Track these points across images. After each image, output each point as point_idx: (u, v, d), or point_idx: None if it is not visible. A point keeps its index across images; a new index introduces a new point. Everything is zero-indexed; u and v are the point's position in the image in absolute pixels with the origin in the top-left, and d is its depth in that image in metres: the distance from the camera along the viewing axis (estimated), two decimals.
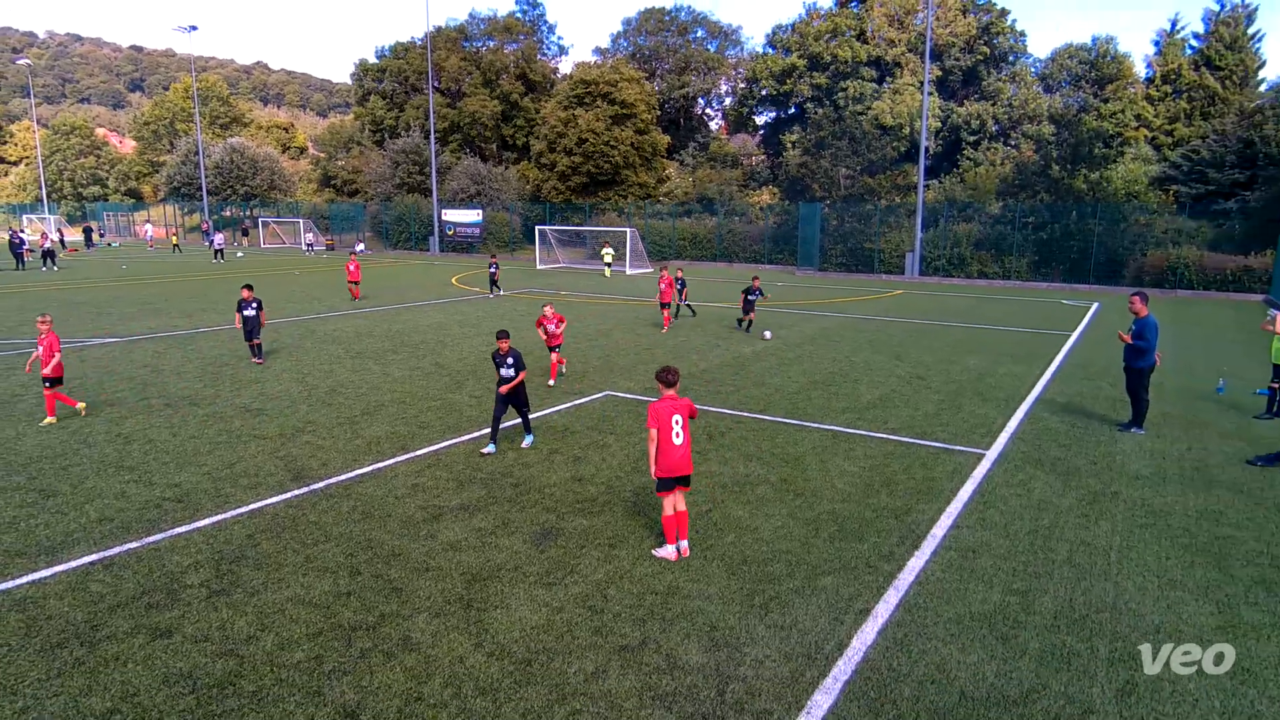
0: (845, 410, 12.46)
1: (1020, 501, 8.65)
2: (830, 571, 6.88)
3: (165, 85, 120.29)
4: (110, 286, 30.90)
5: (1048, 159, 40.63)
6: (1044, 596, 6.50)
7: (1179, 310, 27.24)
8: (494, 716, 4.88)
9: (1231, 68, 48.56)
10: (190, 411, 12.03)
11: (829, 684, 5.25)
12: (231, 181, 69.45)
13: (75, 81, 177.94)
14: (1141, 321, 11.23)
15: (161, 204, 77.70)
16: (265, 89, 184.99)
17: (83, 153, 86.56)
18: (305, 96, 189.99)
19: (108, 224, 77.57)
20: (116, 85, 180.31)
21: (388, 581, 6.61)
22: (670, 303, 20.97)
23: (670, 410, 6.91)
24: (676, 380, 7.10)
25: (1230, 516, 8.33)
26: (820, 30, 58.84)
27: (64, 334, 19.26)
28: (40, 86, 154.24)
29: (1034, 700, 5.12)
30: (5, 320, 21.56)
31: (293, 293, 29.40)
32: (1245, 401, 13.51)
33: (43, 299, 26.51)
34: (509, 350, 10.01)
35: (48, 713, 4.88)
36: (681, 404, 7.03)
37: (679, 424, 6.92)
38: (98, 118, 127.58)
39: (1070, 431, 11.50)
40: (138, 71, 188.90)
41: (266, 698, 5.03)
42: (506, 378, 10.01)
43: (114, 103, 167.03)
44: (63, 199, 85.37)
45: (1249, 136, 41.03)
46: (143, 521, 7.80)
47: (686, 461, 7.00)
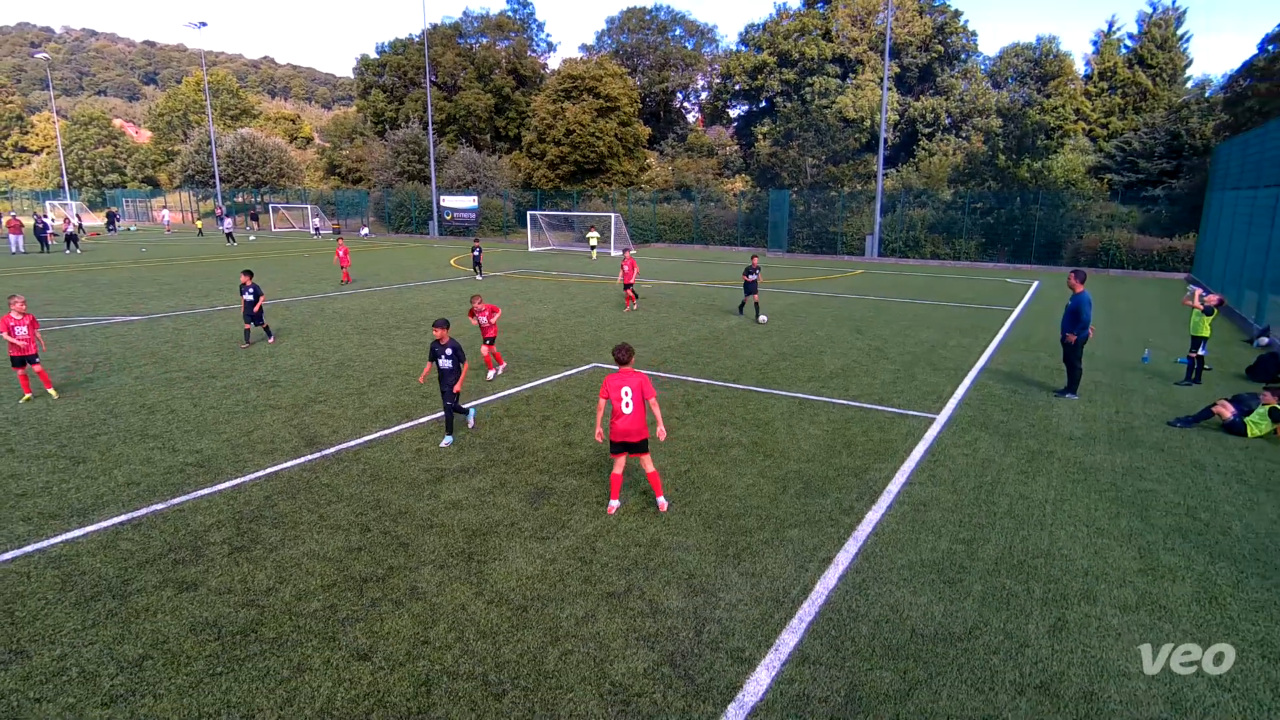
0: (810, 379, 12.53)
1: (966, 460, 8.77)
2: (796, 524, 6.97)
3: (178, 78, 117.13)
4: (132, 268, 30.29)
5: (995, 150, 40.61)
6: (986, 545, 6.63)
7: (1110, 287, 27.52)
8: (494, 657, 4.93)
9: (1162, 66, 48.56)
10: (209, 384, 11.89)
11: (795, 624, 5.34)
12: (243, 170, 67.93)
13: (92, 75, 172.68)
14: (1078, 297, 11.33)
15: (177, 191, 75.92)
16: (273, 82, 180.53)
17: (101, 142, 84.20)
18: (310, 90, 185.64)
19: (126, 210, 75.77)
20: (131, 79, 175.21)
21: (395, 537, 6.62)
22: (633, 284, 20.33)
23: (620, 383, 6.83)
24: (628, 357, 7.00)
25: (1152, 472, 8.50)
26: (789, 29, 58.15)
27: (90, 312, 18.93)
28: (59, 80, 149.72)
29: (977, 636, 5.24)
30: (32, 301, 21.09)
31: (302, 273, 28.98)
32: (1167, 370, 13.73)
33: (68, 280, 25.96)
34: (448, 341, 8.91)
35: (84, 659, 4.87)
36: (634, 379, 6.86)
37: (629, 396, 6.81)
38: (114, 109, 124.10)
39: (1011, 397, 11.64)
40: (151, 65, 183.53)
41: (286, 643, 5.05)
42: (446, 370, 8.91)
43: (129, 95, 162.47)
44: (83, 186, 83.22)
45: (1176, 129, 41.23)
46: (168, 485, 7.74)
47: (634, 430, 6.85)
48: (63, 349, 14.39)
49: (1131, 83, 49.00)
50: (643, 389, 6.86)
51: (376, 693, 4.57)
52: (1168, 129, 41.63)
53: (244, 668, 4.79)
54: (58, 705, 4.45)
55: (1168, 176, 40.64)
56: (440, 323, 8.93)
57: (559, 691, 4.60)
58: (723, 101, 65.90)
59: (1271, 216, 17.99)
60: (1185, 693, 4.68)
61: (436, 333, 8.87)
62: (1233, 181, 24.66)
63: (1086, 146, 47.40)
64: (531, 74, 67.46)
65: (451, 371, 8.92)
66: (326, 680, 4.67)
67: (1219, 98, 41.57)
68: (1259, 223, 19.34)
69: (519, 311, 19.57)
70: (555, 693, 4.59)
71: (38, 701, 4.47)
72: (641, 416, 6.88)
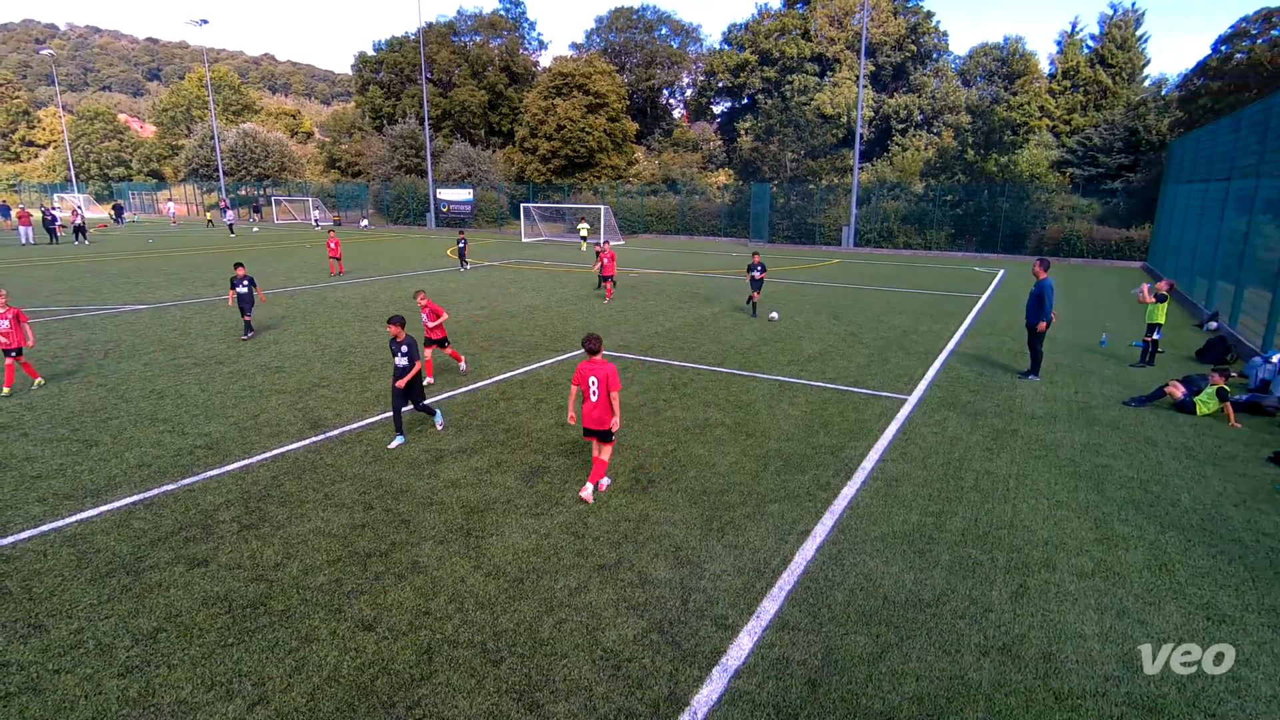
0: (790, 363, 12.58)
1: (936, 438, 8.85)
2: (777, 500, 7.02)
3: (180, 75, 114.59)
4: (139, 259, 29.83)
5: (964, 145, 40.63)
6: (954, 517, 6.71)
7: (1071, 275, 27.72)
8: (492, 626, 4.95)
9: (1121, 65, 48.63)
10: (216, 370, 11.77)
11: (775, 593, 5.40)
12: (245, 164, 66.80)
13: (96, 71, 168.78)
14: (1041, 283, 11.41)
15: (182, 184, 74.63)
16: (273, 79, 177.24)
17: (106, 136, 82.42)
18: (310, 86, 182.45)
19: (133, 202, 74.41)
20: (135, 75, 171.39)
21: (397, 514, 6.61)
22: (612, 276, 19.45)
23: (588, 373, 6.71)
24: (598, 346, 6.77)
25: (1108, 448, 8.62)
26: (770, 29, 57.69)
27: (100, 301, 18.64)
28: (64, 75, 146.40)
29: (944, 602, 5.32)
30: (42, 290, 20.77)
31: (304, 263, 28.66)
32: (1123, 353, 13.88)
33: (76, 270, 25.54)
34: (405, 338, 8.19)
35: (100, 632, 4.85)
36: (601, 370, 6.67)
37: (595, 385, 6.67)
38: (119, 104, 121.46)
39: (978, 379, 11.74)
40: (154, 62, 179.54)
41: (294, 615, 5.05)
42: (400, 367, 8.20)
43: (133, 91, 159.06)
44: (90, 179, 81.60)
45: (1134, 126, 41.38)
46: (178, 466, 7.68)
47: (598, 419, 6.71)
48: (73, 336, 14.19)
49: (1093, 81, 49.08)
50: (608, 380, 6.66)
51: (380, 661, 4.58)
52: (1126, 125, 41.79)
53: (254, 639, 4.78)
54: (76, 676, 4.43)
55: (1126, 170, 40.84)
56: (395, 319, 8.16)
57: (554, 658, 4.63)
58: (707, 98, 65.42)
59: (1221, 209, 18.16)
60: (1136, 653, 4.77)
61: (391, 329, 8.13)
62: (1185, 175, 24.84)
63: (1050, 142, 47.54)
64: (524, 71, 66.63)
65: (404, 370, 8.19)
66: (333, 650, 4.68)
67: (1174, 96, 41.76)
68: (1209, 214, 19.52)
69: (514, 300, 19.47)
70: (550, 659, 4.62)
71: (56, 673, 4.46)
72: (605, 405, 6.70)
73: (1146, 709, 4.27)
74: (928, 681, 4.46)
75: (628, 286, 21.91)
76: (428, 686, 4.36)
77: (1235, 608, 5.32)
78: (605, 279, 19.48)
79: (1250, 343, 13.44)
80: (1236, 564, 5.95)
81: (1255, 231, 14.66)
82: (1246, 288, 15.05)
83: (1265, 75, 32.15)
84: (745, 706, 4.23)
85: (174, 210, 61.64)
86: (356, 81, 71.48)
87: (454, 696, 4.28)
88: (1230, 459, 8.33)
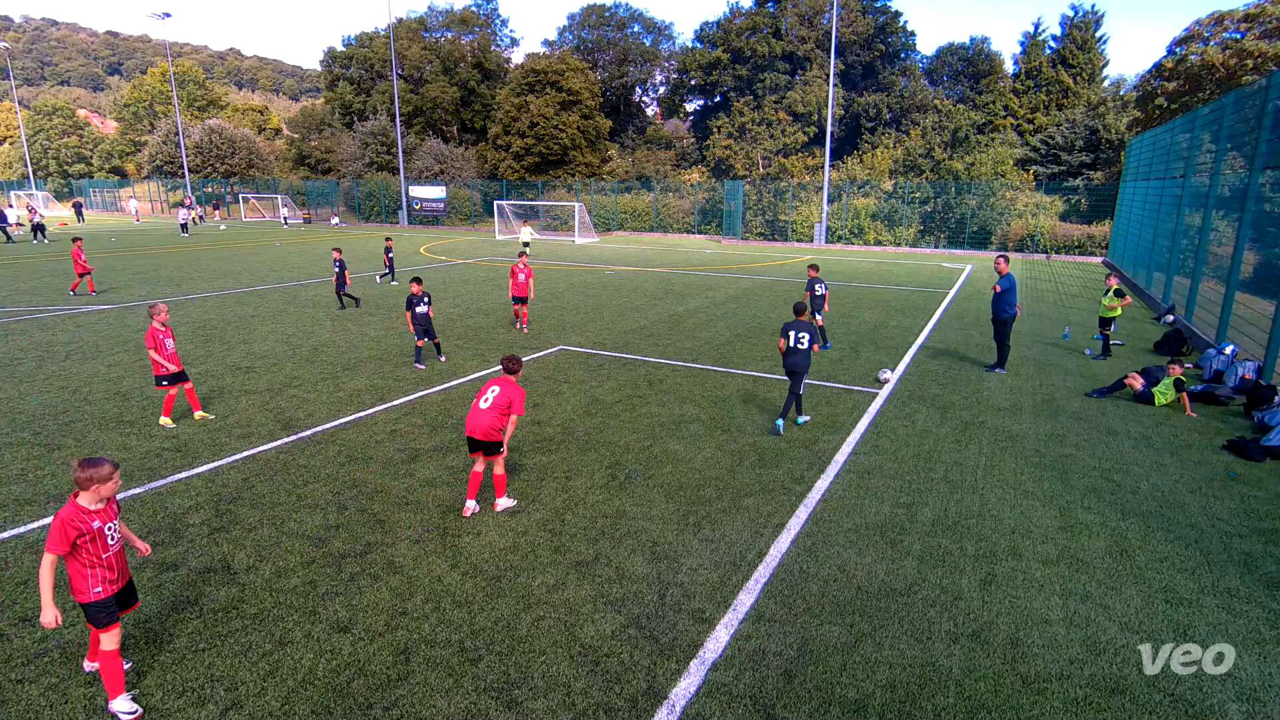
0: (763, 358, 12.66)
1: (906, 431, 8.98)
2: (752, 493, 7.07)
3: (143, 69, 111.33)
4: (101, 258, 28.97)
5: (932, 143, 41.27)
6: (924, 508, 6.82)
7: (1035, 270, 28.32)
8: (469, 625, 4.92)
9: (1082, 65, 49.68)
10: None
11: (751, 585, 5.44)
12: (211, 160, 65.24)
13: (54, 65, 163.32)
14: (1004, 279, 11.64)
15: (146, 181, 72.66)
16: (239, 74, 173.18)
17: (66, 132, 79.89)
18: (278, 81, 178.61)
19: (94, 200, 72.26)
20: (95, 69, 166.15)
21: (372, 515, 6.52)
22: (526, 297, 14.33)
23: (492, 384, 6.39)
24: (517, 368, 6.50)
25: (1071, 439, 8.82)
26: (741, 27, 57.85)
27: (60, 302, 18.05)
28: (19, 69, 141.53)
29: (916, 591, 5.41)
30: (0, 290, 20.07)
31: (274, 261, 28.09)
32: (1086, 345, 14.22)
33: (37, 270, 24.73)
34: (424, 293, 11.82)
35: (65, 640, 4.71)
36: (509, 389, 6.33)
37: (492, 395, 6.30)
38: (78, 100, 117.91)
39: (947, 373, 11.93)
40: (115, 56, 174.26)
41: (268, 618, 4.96)
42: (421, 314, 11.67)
43: (93, 85, 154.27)
44: (49, 176, 79.06)
45: (1094, 125, 42.36)
46: (144, 469, 7.49)
47: (485, 429, 6.25)
48: (33, 337, 13.75)
49: (1055, 81, 50.08)
50: (512, 402, 6.30)
51: (357, 662, 4.52)
52: (1087, 124, 42.75)
53: (226, 643, 4.69)
54: (40, 686, 4.30)
55: (1086, 168, 41.82)
56: (416, 279, 11.65)
57: (532, 655, 4.61)
58: (680, 96, 65.39)
59: (1176, 205, 18.68)
60: (1098, 636, 4.90)
61: (414, 288, 11.57)
62: (1143, 173, 25.50)
63: (1014, 140, 48.43)
64: (496, 68, 66.05)
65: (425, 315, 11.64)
66: (308, 652, 4.61)
67: (1132, 95, 42.85)
68: (1165, 211, 20.07)
69: (488, 297, 19.31)
70: (529, 656, 4.60)
71: (20, 683, 4.32)
72: (498, 417, 6.27)
73: (1109, 690, 4.39)
74: (900, 669, 4.53)
75: (603, 285, 21.83)
76: (405, 687, 4.31)
77: (1192, 590, 5.49)
78: (517, 300, 14.51)
79: (1205, 335, 13.85)
80: (1193, 549, 6.13)
81: (1208, 227, 15.11)
82: (1201, 281, 15.51)
83: (1218, 76, 33.13)
84: (723, 698, 4.26)
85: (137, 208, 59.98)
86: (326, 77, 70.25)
87: (432, 696, 4.24)
88: (1187, 448, 8.58)
